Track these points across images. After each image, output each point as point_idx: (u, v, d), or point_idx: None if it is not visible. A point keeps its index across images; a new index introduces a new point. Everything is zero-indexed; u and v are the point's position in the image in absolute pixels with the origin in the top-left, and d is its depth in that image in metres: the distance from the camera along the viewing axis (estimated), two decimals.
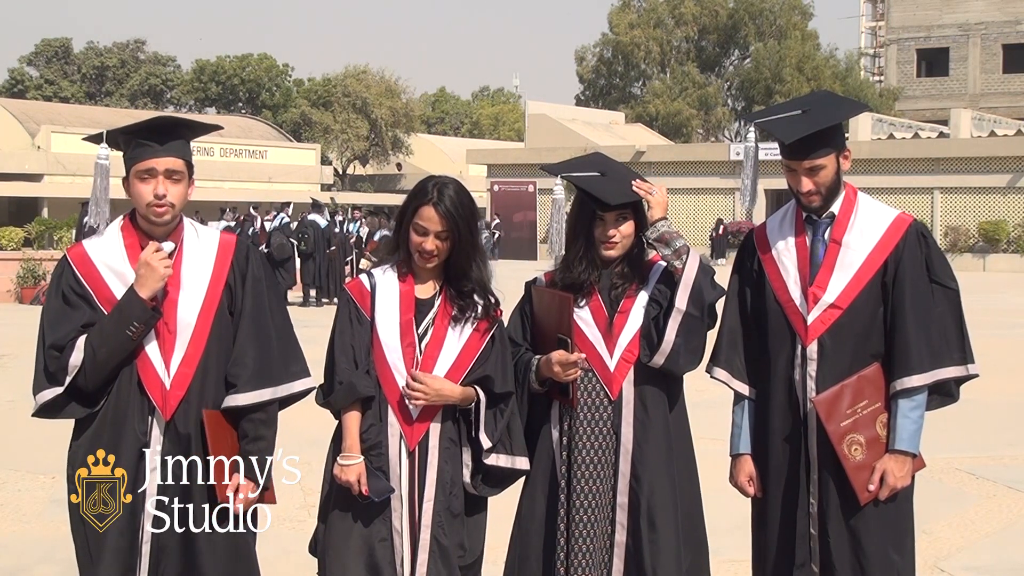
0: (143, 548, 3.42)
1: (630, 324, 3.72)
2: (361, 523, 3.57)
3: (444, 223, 3.57)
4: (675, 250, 3.68)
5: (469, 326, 3.66)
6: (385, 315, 3.65)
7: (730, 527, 3.80)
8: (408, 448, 3.60)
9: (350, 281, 3.79)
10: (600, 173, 3.76)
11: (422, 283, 3.69)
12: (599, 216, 3.72)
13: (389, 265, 3.73)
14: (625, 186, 3.72)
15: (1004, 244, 35.59)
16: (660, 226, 3.71)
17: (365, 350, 3.63)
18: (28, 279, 21.28)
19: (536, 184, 42.05)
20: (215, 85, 71.46)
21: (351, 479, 3.54)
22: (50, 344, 3.41)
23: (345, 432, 3.59)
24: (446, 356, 3.63)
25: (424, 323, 3.66)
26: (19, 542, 6.23)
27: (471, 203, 3.67)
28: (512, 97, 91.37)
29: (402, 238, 3.68)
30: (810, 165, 3.64)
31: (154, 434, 3.43)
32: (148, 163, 3.44)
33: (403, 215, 3.67)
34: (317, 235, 21.73)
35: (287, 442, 3.66)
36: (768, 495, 3.74)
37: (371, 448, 3.58)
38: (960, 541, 6.27)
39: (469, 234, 3.62)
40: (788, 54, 57.69)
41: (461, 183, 3.69)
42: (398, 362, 3.61)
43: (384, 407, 3.61)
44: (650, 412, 3.71)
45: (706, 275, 3.70)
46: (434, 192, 3.59)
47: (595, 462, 3.69)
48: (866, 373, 3.64)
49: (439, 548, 3.58)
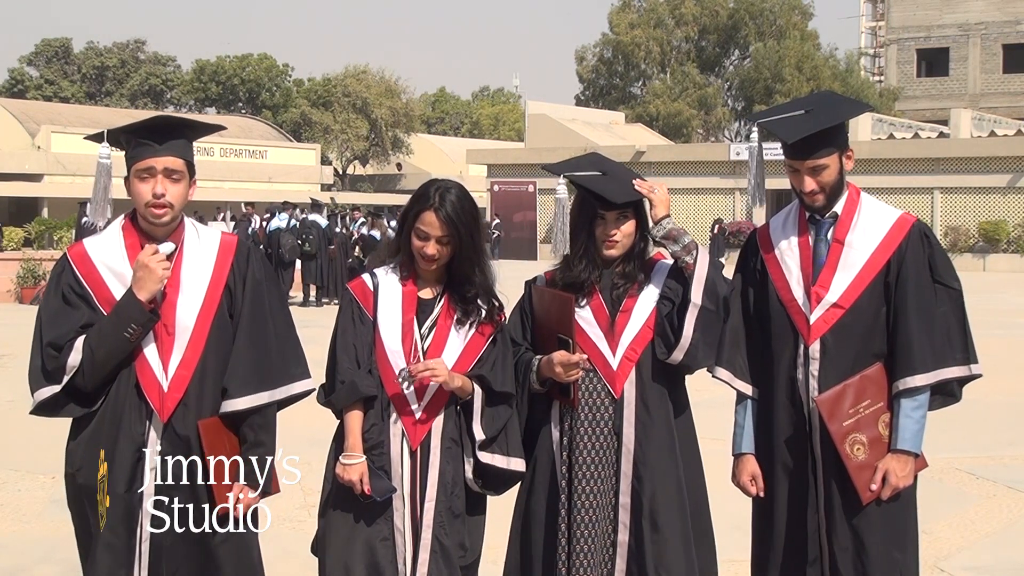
0: (142, 547, 3.42)
1: (632, 322, 3.72)
2: (363, 523, 3.57)
3: (445, 228, 3.57)
4: (684, 246, 3.71)
5: (471, 329, 3.66)
6: (387, 315, 3.65)
7: (730, 527, 3.80)
8: (411, 447, 3.60)
9: (353, 281, 3.80)
10: (601, 172, 3.76)
11: (425, 284, 3.70)
12: (600, 215, 3.72)
13: (392, 266, 3.73)
14: (627, 185, 3.72)
15: (1004, 244, 35.58)
16: (666, 223, 3.73)
17: (367, 349, 3.63)
18: (28, 279, 21.28)
19: (536, 184, 42.03)
20: (215, 85, 71.44)
21: (353, 478, 3.54)
22: (48, 342, 3.40)
23: (347, 431, 3.59)
24: (448, 357, 3.63)
25: (426, 324, 3.66)
26: (19, 542, 6.23)
27: (473, 208, 3.66)
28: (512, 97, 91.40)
29: (404, 241, 3.68)
30: (813, 165, 3.64)
31: (151, 436, 3.43)
32: (147, 162, 3.44)
33: (405, 218, 3.67)
34: (318, 235, 21.76)
35: (287, 442, 3.66)
36: (773, 494, 3.73)
37: (373, 447, 3.58)
38: (960, 541, 6.27)
39: (471, 239, 3.62)
40: (788, 54, 57.68)
41: (464, 187, 3.69)
42: (400, 362, 3.61)
43: (386, 406, 3.61)
44: (652, 412, 3.71)
45: (717, 270, 3.72)
46: (436, 197, 3.59)
47: (596, 462, 3.68)
48: (868, 373, 3.64)
49: (440, 548, 3.58)
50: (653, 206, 3.74)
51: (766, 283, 3.78)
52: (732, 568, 5.33)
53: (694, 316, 3.65)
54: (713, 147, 43.52)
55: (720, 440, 3.88)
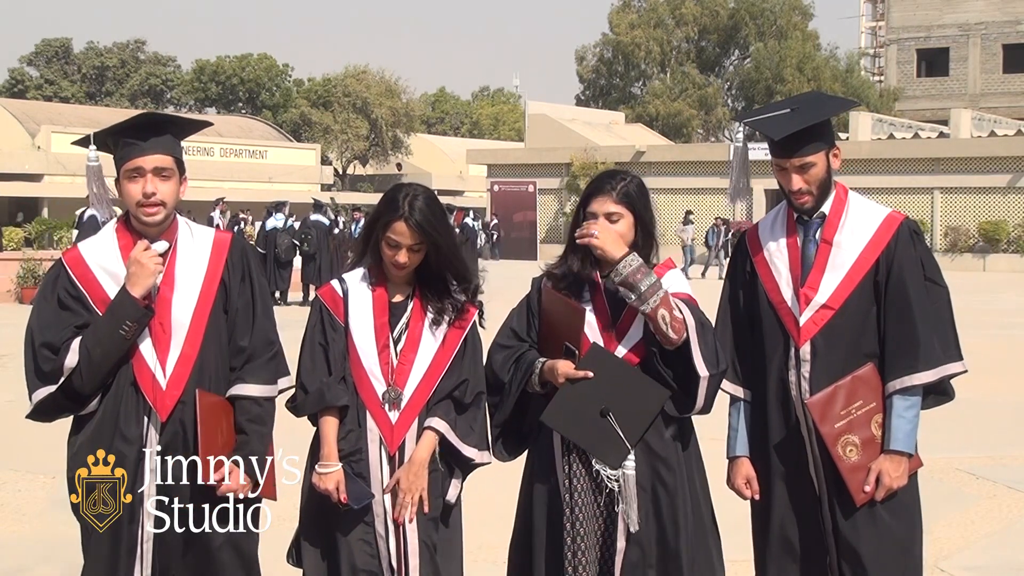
0: (144, 547, 3.42)
1: (632, 334, 3.65)
2: (342, 531, 3.56)
3: (417, 236, 3.55)
4: (640, 295, 3.47)
5: (444, 327, 3.65)
6: (359, 320, 3.63)
7: (730, 527, 3.79)
8: (388, 453, 3.59)
9: (321, 287, 3.78)
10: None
11: (395, 288, 3.68)
12: (588, 213, 3.66)
13: (361, 271, 3.71)
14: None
15: (1004, 244, 35.56)
16: (621, 268, 3.49)
17: (340, 356, 3.61)
18: (28, 279, 21.28)
19: (536, 184, 42.03)
20: (215, 85, 71.45)
21: (330, 487, 3.52)
22: (42, 343, 3.40)
23: (323, 440, 3.58)
24: (422, 358, 3.62)
25: (398, 327, 3.65)
26: (19, 542, 6.22)
27: (441, 210, 3.64)
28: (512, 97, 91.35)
29: (372, 247, 3.65)
30: (800, 163, 3.64)
31: (151, 435, 3.43)
32: (135, 162, 3.43)
33: (374, 226, 3.63)
34: (320, 235, 21.77)
35: (287, 442, 3.66)
36: (770, 496, 3.73)
37: (351, 454, 3.57)
38: (960, 541, 6.27)
39: (441, 239, 3.59)
40: (788, 54, 57.69)
41: (430, 190, 3.65)
42: (374, 367, 3.60)
43: (362, 412, 3.60)
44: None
45: (704, 328, 3.55)
46: (405, 205, 3.55)
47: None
48: (860, 373, 3.63)
49: (427, 549, 3.58)
50: (598, 251, 3.52)
51: (756, 285, 3.77)
52: (732, 568, 5.31)
53: (705, 385, 3.54)
54: (713, 147, 43.50)
55: (719, 440, 3.87)
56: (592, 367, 3.54)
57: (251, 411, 3.52)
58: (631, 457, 3.54)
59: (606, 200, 3.64)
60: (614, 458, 3.54)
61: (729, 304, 3.84)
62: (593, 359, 3.55)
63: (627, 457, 3.54)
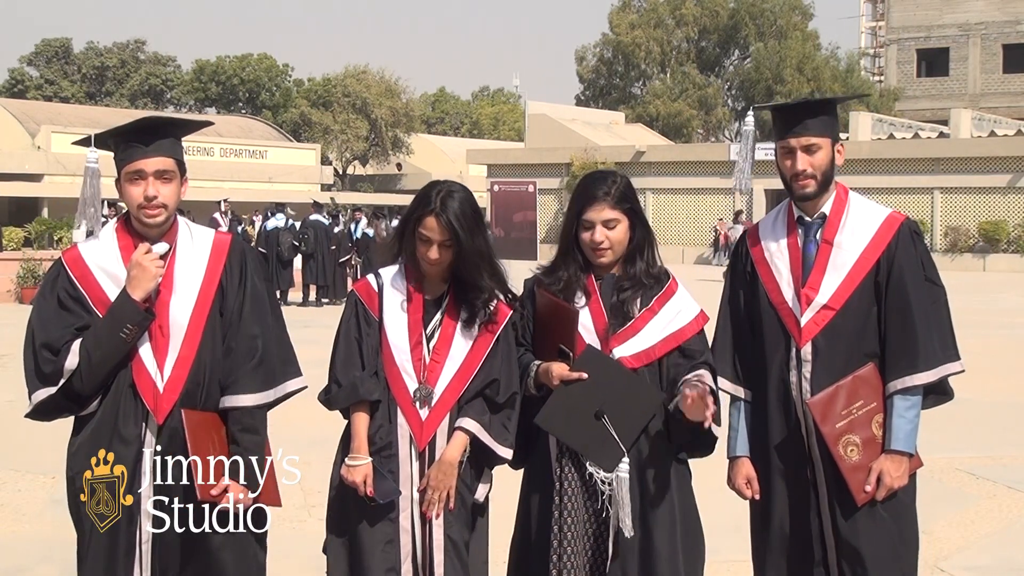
0: (142, 548, 3.41)
1: (631, 344, 3.66)
2: (366, 524, 3.57)
3: (447, 233, 3.55)
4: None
5: (477, 327, 3.65)
6: (393, 316, 3.64)
7: (730, 527, 3.79)
8: (418, 449, 3.60)
9: (357, 282, 3.79)
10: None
11: (430, 284, 3.69)
12: (584, 222, 3.67)
13: (396, 266, 3.72)
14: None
15: (1004, 244, 35.55)
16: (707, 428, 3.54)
17: (373, 351, 3.62)
18: (28, 279, 21.28)
19: (536, 184, 42.02)
20: (215, 85, 71.43)
21: (357, 480, 3.54)
22: (43, 343, 3.39)
23: (353, 433, 3.60)
24: (455, 356, 3.63)
25: (432, 324, 3.65)
26: (19, 542, 6.22)
27: (475, 210, 3.63)
28: (512, 97, 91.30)
29: (406, 243, 3.66)
30: (807, 143, 3.65)
31: (148, 437, 3.42)
32: (137, 164, 3.43)
33: (408, 221, 3.66)
34: (320, 235, 21.78)
35: (287, 442, 3.66)
36: (770, 496, 3.73)
37: (382, 449, 3.58)
38: (960, 541, 6.27)
39: (472, 242, 3.58)
40: (788, 54, 57.66)
41: (467, 189, 3.66)
42: (406, 363, 3.61)
43: (393, 408, 3.61)
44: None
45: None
46: (437, 201, 3.57)
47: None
48: (861, 373, 3.63)
49: (453, 546, 3.59)
50: (711, 424, 3.55)
51: (756, 285, 3.78)
52: (732, 568, 5.33)
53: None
54: (713, 147, 43.48)
55: (719, 440, 3.87)
56: (586, 368, 3.54)
57: (242, 421, 3.50)
58: (625, 460, 3.54)
59: (602, 207, 3.66)
60: (608, 461, 3.54)
61: (729, 304, 3.85)
62: (587, 361, 3.55)
63: (621, 460, 3.54)
